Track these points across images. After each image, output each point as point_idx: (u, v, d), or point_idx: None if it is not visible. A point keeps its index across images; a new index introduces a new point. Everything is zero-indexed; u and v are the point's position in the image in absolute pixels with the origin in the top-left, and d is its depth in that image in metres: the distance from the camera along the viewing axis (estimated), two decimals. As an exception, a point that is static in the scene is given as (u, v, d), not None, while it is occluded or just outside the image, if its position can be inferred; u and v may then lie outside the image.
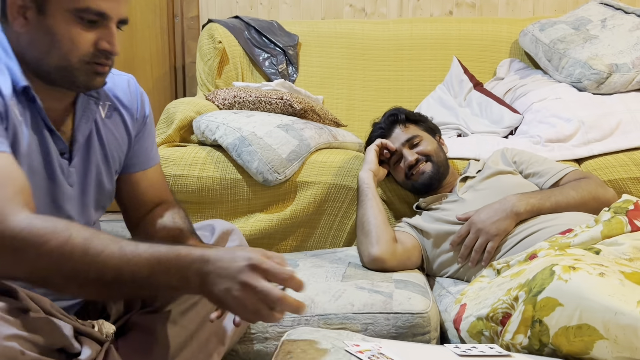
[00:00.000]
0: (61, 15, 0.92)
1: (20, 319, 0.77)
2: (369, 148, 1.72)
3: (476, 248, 1.47)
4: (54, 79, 0.96)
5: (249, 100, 2.08)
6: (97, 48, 0.96)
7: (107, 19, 0.95)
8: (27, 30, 0.94)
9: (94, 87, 1.01)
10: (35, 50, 0.94)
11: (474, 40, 2.66)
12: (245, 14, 3.04)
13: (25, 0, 0.92)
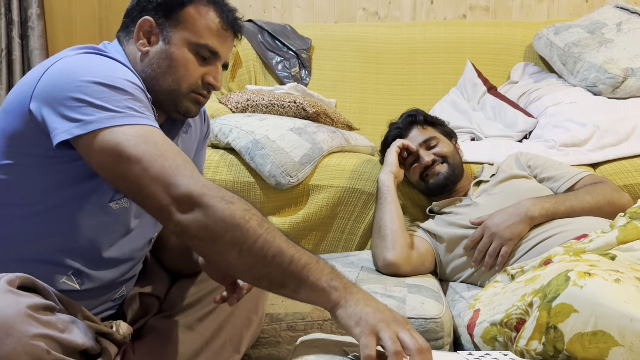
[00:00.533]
0: (182, 46, 1.04)
1: (48, 318, 0.78)
2: (390, 149, 1.71)
3: (490, 252, 1.46)
4: (160, 99, 1.04)
5: (262, 104, 2.09)
6: (203, 81, 1.06)
7: (217, 58, 1.07)
8: (148, 52, 1.04)
9: (190, 115, 1.09)
10: (152, 71, 1.04)
11: (488, 44, 2.65)
12: (259, 17, 3.05)
13: (153, 27, 1.04)
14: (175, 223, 0.84)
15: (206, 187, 0.84)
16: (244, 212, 0.83)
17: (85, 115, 0.85)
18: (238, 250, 0.83)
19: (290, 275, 0.83)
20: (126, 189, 0.88)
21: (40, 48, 3.03)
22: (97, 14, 3.17)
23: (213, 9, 1.06)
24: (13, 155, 0.92)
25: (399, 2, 3.04)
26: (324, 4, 3.08)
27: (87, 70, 0.89)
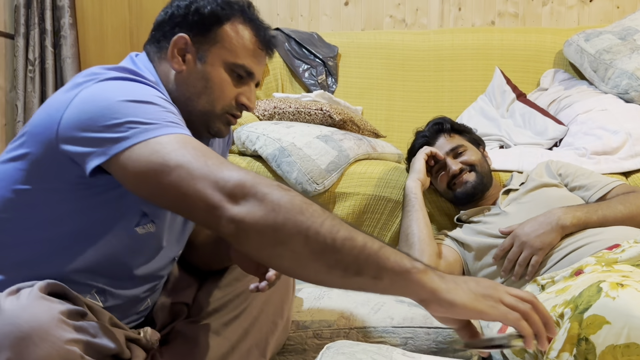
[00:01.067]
0: (218, 66, 1.01)
1: (80, 323, 0.78)
2: (417, 157, 1.69)
3: (520, 262, 1.44)
4: (192, 120, 1.01)
5: (289, 111, 2.10)
6: (237, 101, 1.04)
7: (252, 78, 1.05)
8: (182, 71, 1.01)
9: (221, 136, 1.07)
10: (186, 91, 1.01)
11: (516, 51, 2.63)
12: (286, 26, 3.07)
13: (188, 45, 1.00)
14: (229, 219, 0.76)
15: (258, 177, 0.78)
16: (302, 197, 0.77)
17: (117, 134, 0.82)
18: (304, 236, 0.75)
19: (367, 260, 0.75)
20: (169, 199, 0.81)
21: (72, 57, 3.09)
22: (128, 23, 3.22)
23: (249, 27, 1.03)
24: (39, 180, 0.89)
25: (427, 10, 3.03)
26: (351, 12, 3.09)
27: (114, 93, 0.86)
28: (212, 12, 1.01)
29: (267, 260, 0.82)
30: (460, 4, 3.02)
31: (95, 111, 0.83)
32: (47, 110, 0.89)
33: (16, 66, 3.07)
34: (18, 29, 3.05)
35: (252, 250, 0.80)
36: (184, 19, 1.01)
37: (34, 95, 3.08)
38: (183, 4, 1.03)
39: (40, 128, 0.88)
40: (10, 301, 0.76)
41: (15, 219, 0.91)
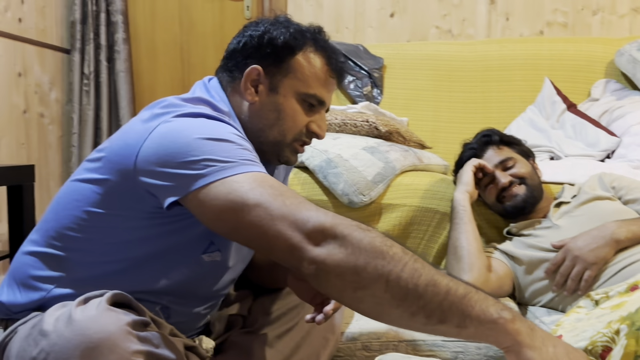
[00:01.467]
0: (290, 97, 1.01)
1: (144, 334, 0.80)
2: (465, 168, 1.67)
3: (572, 276, 1.41)
4: (263, 149, 1.02)
5: (335, 123, 2.11)
6: (307, 129, 1.04)
7: (322, 106, 1.05)
8: (255, 102, 1.02)
9: (289, 164, 1.08)
10: (259, 122, 1.02)
11: (566, 61, 2.58)
12: (332, 38, 3.09)
13: (261, 76, 1.01)
14: (310, 260, 0.76)
15: (337, 217, 0.78)
16: (383, 238, 0.76)
17: (195, 171, 0.82)
18: (385, 282, 0.73)
19: (450, 307, 0.72)
20: (248, 236, 0.82)
21: (125, 71, 3.19)
22: (179, 38, 3.31)
23: (320, 56, 1.03)
24: (114, 206, 0.91)
25: (473, 20, 3.01)
26: (397, 23, 3.09)
27: (192, 130, 0.86)
28: (285, 43, 1.01)
29: (348, 303, 0.79)
30: (508, 14, 2.99)
31: (174, 147, 0.85)
32: (125, 140, 0.91)
33: (72, 80, 3.19)
34: (74, 44, 3.17)
35: (333, 292, 0.79)
36: (256, 49, 1.02)
37: (89, 108, 3.18)
38: (256, 34, 1.03)
39: (118, 157, 0.90)
40: (80, 311, 0.78)
41: (86, 240, 0.94)
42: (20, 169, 1.94)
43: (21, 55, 2.89)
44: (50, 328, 0.78)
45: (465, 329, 0.73)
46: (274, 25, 1.03)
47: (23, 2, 2.91)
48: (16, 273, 0.98)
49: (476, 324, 0.72)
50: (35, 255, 0.97)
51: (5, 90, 2.78)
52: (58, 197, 0.99)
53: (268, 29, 1.02)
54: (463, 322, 0.72)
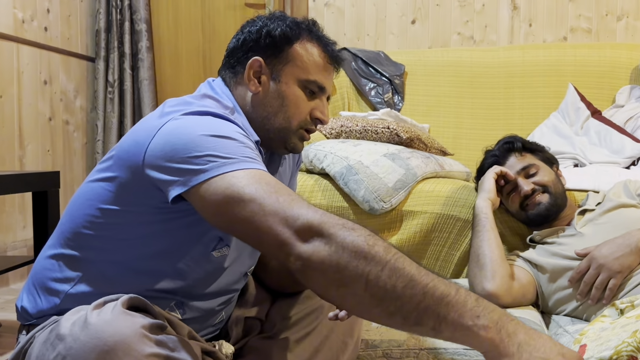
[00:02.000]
0: (292, 83, 1.06)
1: (160, 337, 0.81)
2: (487, 176, 1.66)
3: (597, 285, 1.38)
4: (270, 137, 1.06)
5: (356, 130, 2.11)
6: (311, 116, 1.08)
7: (324, 93, 1.09)
8: (259, 92, 1.06)
9: (297, 151, 1.11)
10: (263, 111, 1.06)
11: (590, 67, 2.55)
12: (353, 45, 3.10)
13: (262, 67, 1.05)
14: (297, 256, 0.79)
15: (325, 215, 0.80)
16: (367, 237, 0.77)
17: (198, 166, 0.86)
18: (365, 281, 0.75)
19: (425, 311, 0.73)
20: (242, 231, 0.85)
21: (149, 79, 3.23)
22: (201, 46, 3.34)
23: (317, 44, 1.07)
24: (125, 202, 0.94)
25: (496, 26, 3.00)
26: (418, 30, 3.09)
27: (197, 127, 0.90)
28: (282, 33, 1.05)
29: (332, 299, 0.83)
30: (530, 20, 2.97)
31: (179, 143, 0.88)
32: (135, 137, 0.94)
33: (96, 88, 3.23)
34: (99, 52, 3.22)
35: (318, 289, 0.82)
36: (256, 43, 1.06)
37: (113, 116, 3.23)
38: (254, 29, 1.07)
39: (128, 154, 0.93)
40: (96, 315, 0.79)
41: (100, 237, 0.96)
42: (45, 175, 1.97)
43: (47, 63, 2.95)
44: (67, 332, 0.79)
45: (441, 332, 0.74)
46: (270, 20, 1.08)
47: (49, 11, 2.97)
48: (35, 278, 1.00)
49: (451, 329, 0.73)
50: (52, 257, 0.99)
51: (31, 98, 2.84)
52: (72, 200, 1.01)
53: (265, 23, 1.07)
54: (439, 326, 0.73)
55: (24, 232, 2.79)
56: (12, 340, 1.96)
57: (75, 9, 3.17)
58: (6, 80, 2.67)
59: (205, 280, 1.03)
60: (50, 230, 1.95)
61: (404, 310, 0.74)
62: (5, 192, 1.80)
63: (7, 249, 2.69)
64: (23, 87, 2.78)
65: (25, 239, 2.80)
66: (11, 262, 2.03)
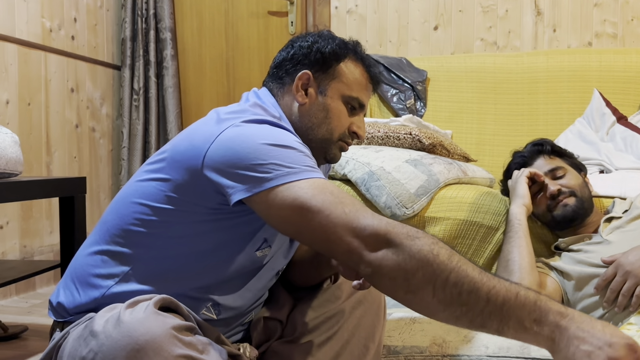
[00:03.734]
0: (337, 98, 1.12)
1: (189, 339, 0.82)
2: (519, 181, 1.64)
3: (624, 292, 1.36)
4: (311, 147, 1.10)
5: (378, 136, 2.11)
6: (349, 130, 1.14)
7: (362, 109, 1.16)
8: (305, 103, 1.11)
9: (335, 161, 1.16)
10: (308, 121, 1.11)
11: (616, 72, 2.52)
12: (375, 52, 3.10)
13: (310, 80, 1.12)
14: (367, 264, 0.85)
15: (390, 224, 0.85)
16: (431, 246, 0.83)
17: (262, 174, 0.90)
18: (432, 288, 0.81)
19: (489, 316, 0.79)
20: (311, 239, 0.91)
21: (173, 86, 3.27)
22: (225, 54, 3.38)
23: (360, 64, 1.14)
24: (180, 202, 0.96)
25: (519, 32, 2.97)
26: (440, 36, 3.08)
27: (259, 136, 0.94)
28: (332, 51, 1.12)
29: (401, 301, 0.87)
30: (555, 25, 2.94)
31: (242, 150, 0.92)
32: (191, 141, 0.97)
33: (122, 95, 3.28)
34: (124, 60, 3.27)
35: (387, 292, 0.87)
36: (306, 57, 1.12)
37: (138, 123, 3.27)
38: (305, 44, 1.14)
39: (184, 156, 0.97)
40: (129, 314, 0.81)
41: (150, 234, 0.98)
42: (72, 181, 2.00)
43: (74, 71, 3.01)
44: (100, 329, 0.81)
45: (504, 333, 0.80)
46: (321, 37, 1.15)
47: (76, 20, 3.03)
48: (75, 274, 1.02)
49: (513, 332, 0.79)
50: (97, 253, 1.01)
51: (59, 105, 2.89)
52: (118, 197, 1.04)
53: (316, 40, 1.14)
54: (502, 329, 0.80)
55: (50, 237, 2.84)
56: (38, 344, 1.99)
57: (101, 18, 3.23)
58: (34, 88, 2.73)
59: (243, 279, 1.06)
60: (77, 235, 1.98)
61: (469, 315, 0.80)
62: (33, 198, 1.84)
63: (34, 253, 2.74)
64: (50, 95, 2.83)
65: (52, 244, 2.85)
66: (38, 266, 2.06)
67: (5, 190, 1.68)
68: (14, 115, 2.59)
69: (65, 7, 2.94)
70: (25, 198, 1.80)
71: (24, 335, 2.07)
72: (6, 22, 2.57)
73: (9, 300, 2.60)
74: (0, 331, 2.02)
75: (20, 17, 2.65)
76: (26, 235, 2.69)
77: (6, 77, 2.56)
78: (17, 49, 2.62)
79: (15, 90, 2.60)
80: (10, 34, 2.58)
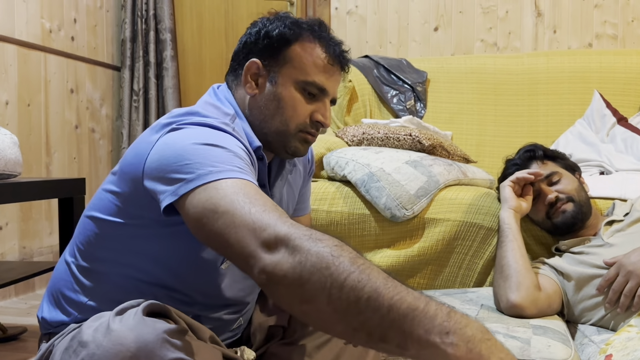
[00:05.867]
0: (289, 85, 1.03)
1: (181, 342, 0.80)
2: (503, 185, 1.64)
3: (625, 292, 1.35)
4: (269, 141, 1.04)
5: (378, 137, 2.11)
6: (311, 119, 1.04)
7: (325, 95, 1.05)
8: (256, 94, 1.04)
9: (299, 155, 1.08)
10: (260, 113, 1.04)
11: (616, 73, 2.51)
12: (375, 53, 3.10)
13: (260, 69, 1.04)
14: (261, 269, 0.74)
15: (293, 227, 0.75)
16: (333, 248, 0.72)
17: (186, 175, 0.84)
18: (327, 294, 0.69)
19: (391, 326, 0.66)
20: (217, 244, 0.81)
21: (173, 87, 3.27)
22: (225, 55, 3.37)
23: (319, 44, 1.04)
24: (129, 215, 0.95)
25: (520, 33, 2.97)
26: (441, 37, 3.08)
27: (189, 137, 0.89)
28: (280, 34, 1.03)
29: (299, 316, 0.77)
30: (555, 26, 2.94)
31: (172, 154, 0.87)
32: (136, 150, 0.94)
33: (122, 96, 3.28)
34: (124, 61, 3.27)
35: (283, 304, 0.76)
36: (255, 45, 1.05)
37: (138, 124, 3.27)
38: (254, 30, 1.06)
39: (129, 167, 0.93)
40: (118, 321, 0.80)
41: (110, 249, 0.97)
42: (71, 182, 2.00)
43: (73, 72, 3.00)
44: (89, 339, 0.80)
45: (407, 350, 0.67)
46: (270, 21, 1.06)
47: (76, 21, 3.02)
48: (54, 287, 1.03)
49: (417, 347, 0.66)
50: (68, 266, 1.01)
51: (58, 106, 2.89)
52: (88, 205, 1.03)
53: (265, 24, 1.05)
54: (404, 343, 0.66)
55: (50, 238, 2.83)
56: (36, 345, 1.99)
57: (101, 19, 3.23)
58: (34, 89, 2.72)
59: (217, 291, 1.03)
60: (76, 236, 1.97)
61: (367, 326, 0.68)
62: (32, 199, 1.83)
63: (33, 254, 2.73)
64: (50, 96, 2.83)
65: (51, 245, 2.84)
66: (37, 267, 2.06)
67: (5, 192, 1.68)
68: (13, 116, 2.59)
69: (65, 8, 2.94)
70: (25, 199, 1.80)
71: (22, 336, 2.06)
72: (6, 23, 2.57)
73: (8, 302, 2.60)
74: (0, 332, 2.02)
75: (20, 18, 2.64)
76: (25, 236, 2.68)
77: (6, 78, 2.55)
78: (16, 50, 2.61)
79: (14, 91, 2.60)
80: (10, 34, 2.58)
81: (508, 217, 1.57)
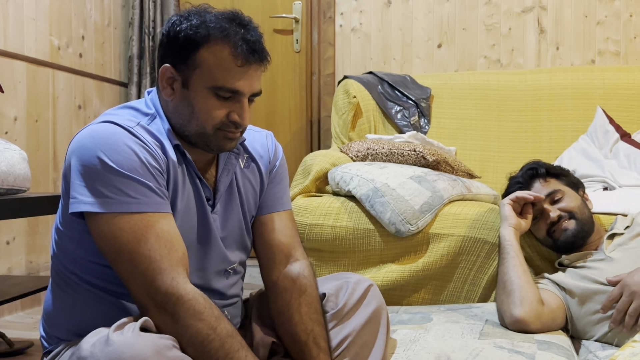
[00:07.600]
0: (201, 91, 1.02)
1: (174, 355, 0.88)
2: (502, 203, 1.65)
3: (630, 312, 1.35)
4: (193, 142, 1.07)
5: (382, 152, 2.12)
6: (228, 119, 1.04)
7: (240, 95, 1.04)
8: (173, 99, 1.05)
9: (225, 150, 1.10)
10: (178, 117, 1.05)
11: (619, 90, 2.53)
12: (379, 69, 3.13)
13: (174, 74, 1.03)
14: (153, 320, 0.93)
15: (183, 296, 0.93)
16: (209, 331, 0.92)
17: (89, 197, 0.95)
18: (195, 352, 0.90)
19: None
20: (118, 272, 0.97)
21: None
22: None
23: (228, 45, 1.00)
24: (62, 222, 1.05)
25: (523, 50, 3.00)
26: (444, 53, 3.10)
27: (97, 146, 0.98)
28: (185, 38, 1.01)
29: None
30: (558, 43, 2.96)
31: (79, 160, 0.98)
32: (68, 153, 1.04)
33: (128, 112, 3.31)
34: (131, 77, 3.30)
35: None
36: (167, 47, 1.04)
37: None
38: (165, 30, 1.05)
39: (65, 170, 1.03)
40: (116, 337, 0.85)
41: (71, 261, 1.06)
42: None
43: (81, 88, 3.04)
44: (87, 354, 0.85)
45: None
46: (181, 20, 1.03)
47: (84, 38, 3.06)
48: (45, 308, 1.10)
49: None
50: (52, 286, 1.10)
51: (66, 122, 2.92)
52: None
53: (174, 24, 1.03)
54: None
55: (56, 252, 2.84)
56: (43, 359, 2.00)
57: (109, 36, 3.27)
58: (42, 105, 2.75)
59: None
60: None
61: None
62: (40, 214, 1.85)
63: (40, 269, 2.75)
64: (58, 112, 2.86)
65: (57, 260, 2.85)
66: (44, 282, 2.07)
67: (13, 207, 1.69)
68: (21, 131, 2.62)
69: (74, 25, 2.98)
70: (32, 214, 1.82)
71: (29, 350, 2.07)
72: (15, 40, 2.60)
73: (14, 316, 2.61)
74: (6, 346, 2.03)
75: (29, 36, 2.68)
76: (32, 251, 2.70)
77: (15, 94, 2.59)
78: (25, 67, 2.65)
79: (23, 107, 2.63)
80: (19, 51, 2.61)
81: (508, 234, 1.58)
